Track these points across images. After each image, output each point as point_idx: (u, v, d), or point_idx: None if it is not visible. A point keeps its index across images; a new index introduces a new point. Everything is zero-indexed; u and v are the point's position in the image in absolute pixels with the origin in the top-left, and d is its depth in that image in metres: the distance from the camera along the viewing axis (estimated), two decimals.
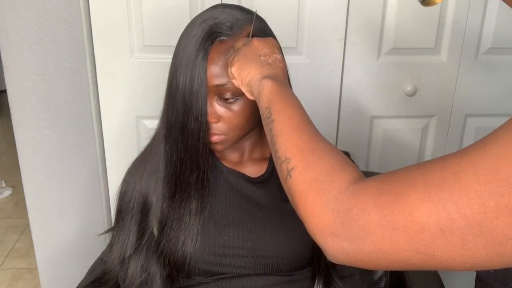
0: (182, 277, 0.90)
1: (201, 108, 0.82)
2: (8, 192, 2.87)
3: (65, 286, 1.53)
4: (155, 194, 0.91)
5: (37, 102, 1.39)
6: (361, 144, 1.52)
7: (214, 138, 0.85)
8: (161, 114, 0.91)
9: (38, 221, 1.52)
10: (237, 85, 0.78)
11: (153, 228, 0.90)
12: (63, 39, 1.34)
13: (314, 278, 0.94)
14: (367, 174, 0.57)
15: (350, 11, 1.37)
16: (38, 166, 1.46)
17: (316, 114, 0.75)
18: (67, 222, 1.53)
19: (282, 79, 0.74)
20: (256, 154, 0.95)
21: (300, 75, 1.03)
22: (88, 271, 1.14)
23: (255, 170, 0.94)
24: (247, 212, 0.90)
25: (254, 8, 0.89)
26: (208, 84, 0.81)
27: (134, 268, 0.91)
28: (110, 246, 1.00)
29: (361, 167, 1.02)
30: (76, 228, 1.53)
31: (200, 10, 0.99)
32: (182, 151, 0.86)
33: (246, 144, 0.94)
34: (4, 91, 1.45)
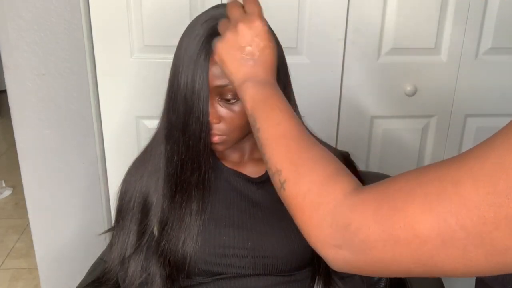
0: (182, 277, 0.89)
1: (202, 108, 0.82)
2: (8, 192, 2.86)
3: (65, 286, 1.53)
4: (156, 194, 0.90)
5: (37, 102, 1.39)
6: (361, 144, 1.52)
7: (215, 139, 0.85)
8: (161, 114, 0.91)
9: (38, 221, 1.52)
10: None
11: (153, 228, 0.90)
12: (63, 39, 1.34)
13: (314, 278, 0.94)
14: (367, 174, 0.57)
15: (350, 11, 1.37)
16: (38, 166, 1.46)
17: (316, 114, 0.75)
18: (67, 222, 1.53)
19: (266, 78, 0.69)
20: (256, 155, 0.95)
21: (300, 75, 1.03)
22: (88, 271, 1.14)
23: (256, 170, 0.94)
24: (247, 212, 0.90)
25: None
26: (209, 84, 0.81)
27: (134, 268, 0.91)
28: (110, 246, 1.00)
29: (361, 167, 1.01)
30: (76, 228, 1.53)
31: (200, 10, 0.99)
32: (183, 152, 0.86)
33: (247, 144, 0.94)
34: (4, 91, 1.45)
